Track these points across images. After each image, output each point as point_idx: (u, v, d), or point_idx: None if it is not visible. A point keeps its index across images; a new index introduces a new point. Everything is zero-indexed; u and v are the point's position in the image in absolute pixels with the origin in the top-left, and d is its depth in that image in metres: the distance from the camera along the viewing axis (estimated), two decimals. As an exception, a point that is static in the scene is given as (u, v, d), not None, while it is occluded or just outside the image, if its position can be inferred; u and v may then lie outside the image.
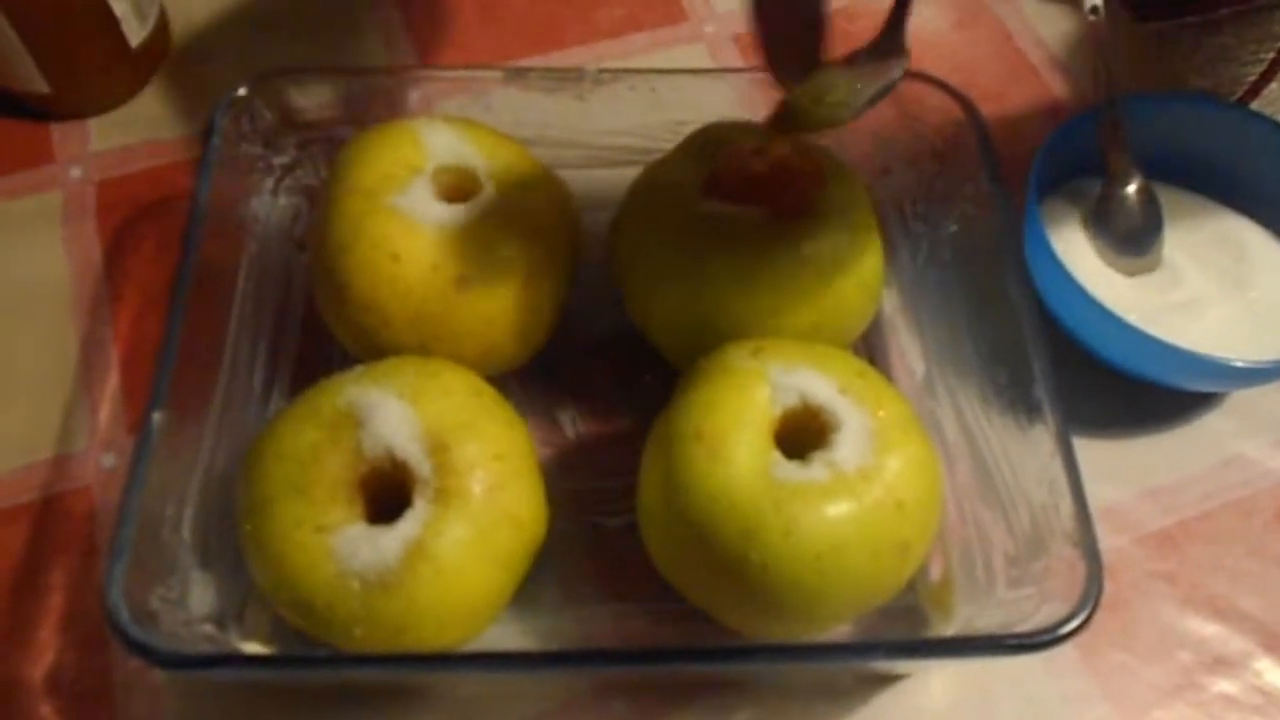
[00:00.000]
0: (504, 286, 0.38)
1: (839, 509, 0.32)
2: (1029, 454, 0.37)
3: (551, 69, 0.49)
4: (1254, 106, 0.51)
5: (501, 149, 0.41)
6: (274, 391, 0.42)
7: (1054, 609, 0.32)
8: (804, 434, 0.34)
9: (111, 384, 0.44)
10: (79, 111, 0.51)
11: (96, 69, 0.50)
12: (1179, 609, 0.41)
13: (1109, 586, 0.33)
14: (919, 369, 0.43)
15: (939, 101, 0.43)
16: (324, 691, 0.38)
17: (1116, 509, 0.43)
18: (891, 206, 0.46)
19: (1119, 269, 0.45)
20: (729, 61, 0.55)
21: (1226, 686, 0.40)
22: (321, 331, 0.41)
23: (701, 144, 0.41)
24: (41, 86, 0.49)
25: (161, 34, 0.53)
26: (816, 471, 0.33)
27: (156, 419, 0.35)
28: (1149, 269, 0.46)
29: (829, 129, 0.36)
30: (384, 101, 0.43)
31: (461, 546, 0.33)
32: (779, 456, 0.34)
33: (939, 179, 0.44)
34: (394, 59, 0.54)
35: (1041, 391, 0.37)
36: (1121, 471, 0.44)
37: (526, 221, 0.39)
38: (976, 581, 0.38)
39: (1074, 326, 0.43)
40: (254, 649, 0.36)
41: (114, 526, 0.32)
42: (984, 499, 0.38)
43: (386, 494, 0.34)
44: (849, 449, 0.33)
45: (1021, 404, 0.37)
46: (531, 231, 0.39)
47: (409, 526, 0.33)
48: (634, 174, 0.42)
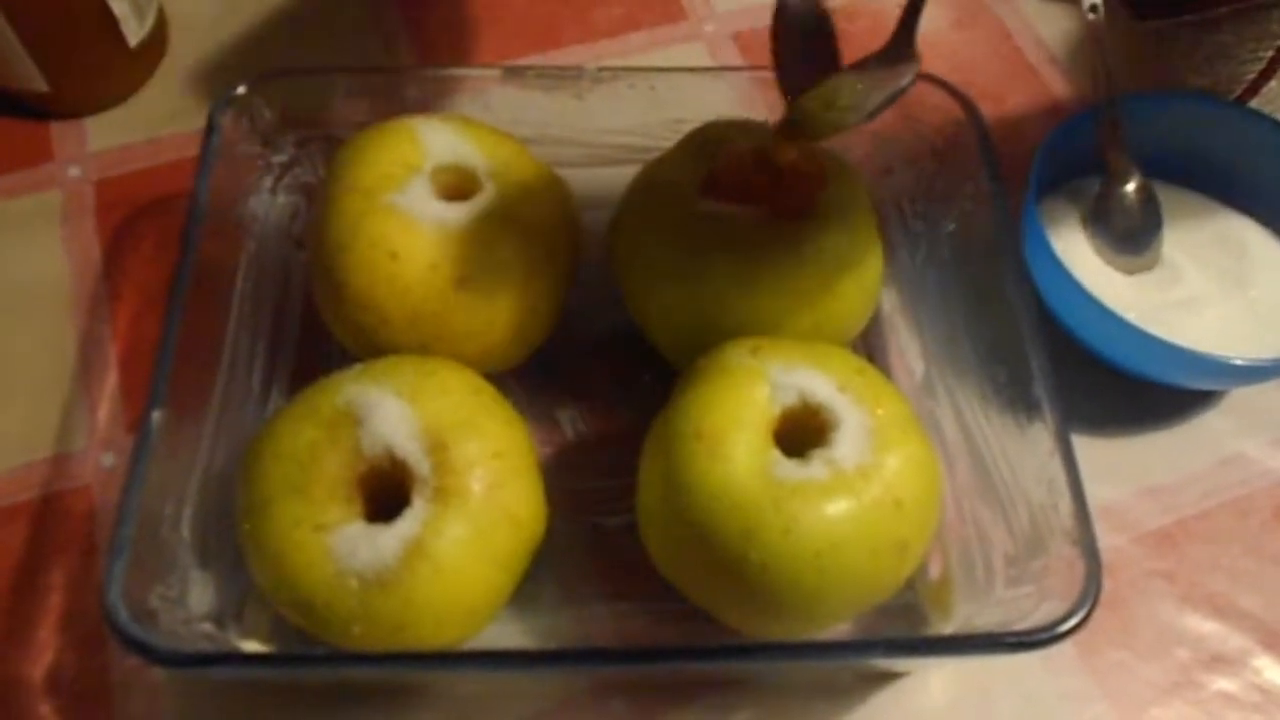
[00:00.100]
0: (503, 286, 0.38)
1: (838, 507, 0.32)
2: (1028, 453, 0.37)
3: (550, 67, 0.49)
4: (1253, 105, 0.51)
5: (501, 148, 0.41)
6: (273, 390, 0.42)
7: (1053, 607, 0.32)
8: (803, 432, 0.34)
9: (110, 383, 0.44)
10: (78, 110, 0.51)
11: (95, 68, 0.50)
12: (1178, 607, 0.41)
13: (1108, 585, 0.33)
14: (918, 368, 0.43)
15: (939, 101, 0.43)
16: (323, 690, 0.38)
17: (1115, 508, 0.43)
18: (891, 206, 0.46)
19: (1118, 267, 0.45)
20: (728, 60, 0.55)
21: (1225, 684, 0.40)
22: (320, 330, 0.41)
23: (700, 143, 0.41)
24: (40, 85, 0.49)
25: (160, 33, 0.53)
26: (816, 470, 0.33)
27: (155, 418, 0.35)
28: (1148, 267, 0.46)
29: (838, 134, 0.35)
30: (383, 100, 0.43)
31: (460, 545, 0.33)
32: (778, 455, 0.34)
33: (939, 178, 0.44)
34: (393, 59, 0.54)
35: (1040, 390, 0.37)
36: (1120, 470, 0.44)
37: (526, 221, 0.39)
38: (975, 580, 0.38)
39: (1073, 325, 0.43)
40: (253, 648, 0.36)
41: (113, 525, 0.32)
42: (983, 498, 0.38)
43: (385, 493, 0.34)
44: (848, 447, 0.33)
45: (1020, 403, 0.37)
46: (531, 231, 0.39)
47: (408, 525, 0.33)
48: (633, 173, 0.42)
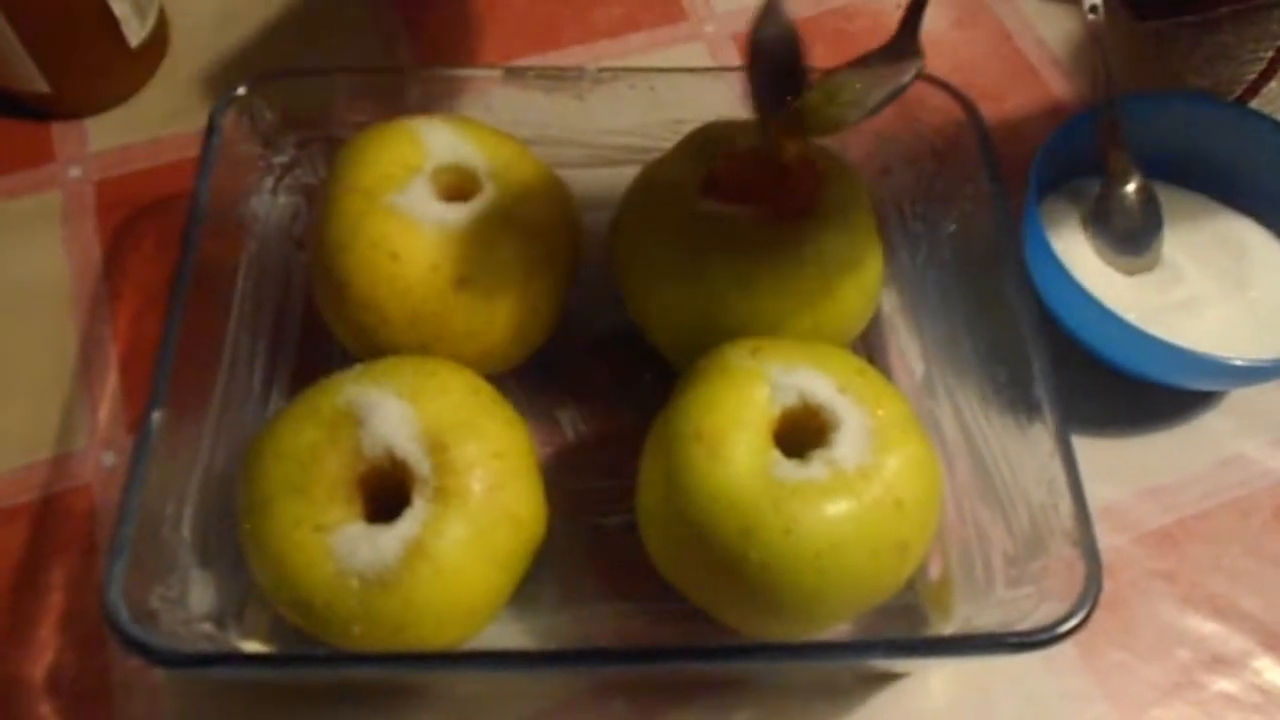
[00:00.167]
0: (503, 286, 0.38)
1: (838, 508, 0.32)
2: (1028, 453, 0.37)
3: (551, 68, 0.48)
4: (1253, 105, 0.51)
5: (501, 148, 0.41)
6: (273, 390, 0.42)
7: (1053, 608, 0.32)
8: (803, 433, 0.34)
9: (111, 383, 0.44)
10: (78, 111, 0.51)
11: (96, 69, 0.50)
12: (1178, 608, 0.41)
13: (1108, 585, 0.33)
14: (918, 368, 0.43)
15: (939, 101, 0.43)
16: (323, 690, 0.38)
17: (1115, 508, 0.43)
18: (891, 206, 0.46)
19: (1118, 268, 0.45)
20: (728, 60, 0.55)
21: (1225, 685, 0.40)
22: (321, 330, 0.41)
23: (700, 143, 0.41)
24: (41, 86, 0.49)
25: (161, 34, 0.53)
26: (816, 470, 0.33)
27: (156, 418, 0.35)
28: (1148, 268, 0.46)
29: (839, 130, 0.36)
30: (384, 101, 0.43)
31: (460, 545, 0.33)
32: (778, 455, 0.34)
33: (939, 179, 0.44)
34: (393, 59, 0.54)
35: (1041, 391, 0.36)
36: (1121, 471, 0.44)
37: (526, 221, 0.39)
38: (975, 580, 0.38)
39: (1073, 326, 0.43)
40: (253, 648, 0.36)
41: (113, 525, 0.33)
42: (983, 498, 0.38)
43: (385, 493, 0.34)
44: (848, 448, 0.33)
45: (1021, 403, 0.37)
46: (531, 231, 0.39)
47: (408, 525, 0.33)
48: (633, 173, 0.42)
